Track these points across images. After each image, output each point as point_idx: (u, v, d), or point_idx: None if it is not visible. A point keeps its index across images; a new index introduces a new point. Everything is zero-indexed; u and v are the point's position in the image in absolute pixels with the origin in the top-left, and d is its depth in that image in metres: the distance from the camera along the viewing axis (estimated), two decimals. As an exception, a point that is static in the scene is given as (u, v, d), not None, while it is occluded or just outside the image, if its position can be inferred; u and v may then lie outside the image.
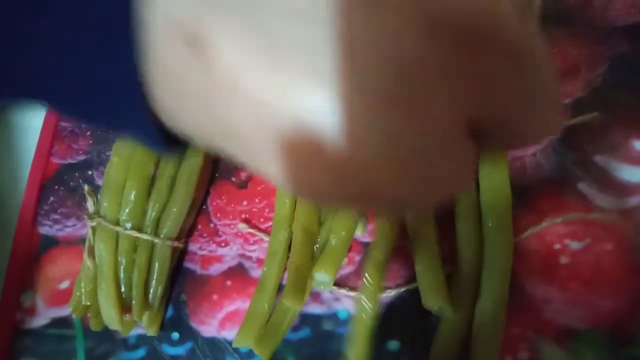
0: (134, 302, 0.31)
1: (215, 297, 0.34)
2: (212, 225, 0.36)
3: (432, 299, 0.27)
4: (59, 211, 0.41)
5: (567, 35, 0.33)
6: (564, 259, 0.28)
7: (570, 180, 0.29)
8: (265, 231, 0.34)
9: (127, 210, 0.32)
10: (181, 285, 0.35)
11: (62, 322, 0.37)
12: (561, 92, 0.31)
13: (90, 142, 0.43)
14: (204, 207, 0.37)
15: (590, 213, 0.28)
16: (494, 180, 0.29)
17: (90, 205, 0.33)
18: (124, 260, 0.32)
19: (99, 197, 0.35)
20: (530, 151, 0.31)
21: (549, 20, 0.34)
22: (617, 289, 0.27)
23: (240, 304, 0.33)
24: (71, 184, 0.42)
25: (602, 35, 0.32)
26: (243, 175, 0.37)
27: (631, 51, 0.31)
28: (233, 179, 0.37)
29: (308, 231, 0.31)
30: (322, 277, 0.30)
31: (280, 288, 0.32)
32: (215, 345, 0.33)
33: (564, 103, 0.31)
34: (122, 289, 0.32)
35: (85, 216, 0.33)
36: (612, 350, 0.26)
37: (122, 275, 0.32)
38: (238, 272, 0.34)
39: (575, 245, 0.28)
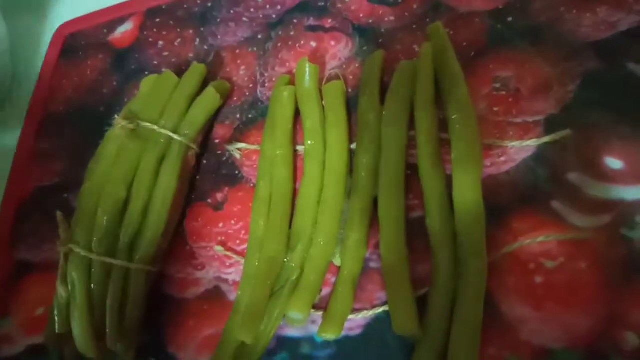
0: (107, 329, 0.31)
1: (192, 322, 0.34)
2: (188, 248, 0.36)
3: (402, 325, 0.27)
4: (35, 235, 0.41)
5: (539, 53, 0.33)
6: (538, 279, 0.28)
7: (544, 198, 0.29)
8: (242, 254, 0.34)
9: (99, 236, 0.32)
10: (158, 310, 0.34)
11: (37, 350, 0.36)
12: (533, 109, 0.31)
13: (66, 164, 0.43)
14: (179, 229, 0.36)
15: (564, 231, 0.28)
16: (468, 201, 0.29)
17: (61, 231, 0.32)
18: (97, 287, 0.31)
19: (72, 222, 0.34)
20: (504, 169, 0.31)
21: (520, 38, 0.34)
22: (592, 307, 0.27)
23: (217, 328, 0.33)
24: (47, 207, 0.41)
25: (573, 52, 0.32)
26: (219, 196, 0.37)
27: (602, 68, 0.31)
28: (209, 200, 0.37)
29: (273, 261, 0.30)
30: (296, 316, 0.29)
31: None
32: (193, 371, 0.33)
33: (537, 120, 0.31)
34: (96, 317, 0.31)
35: (57, 243, 0.32)
36: (588, 371, 0.26)
37: (95, 302, 0.31)
38: (215, 296, 0.34)
39: (549, 264, 0.28)
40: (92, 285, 0.31)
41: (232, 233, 0.35)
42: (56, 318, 0.32)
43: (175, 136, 0.34)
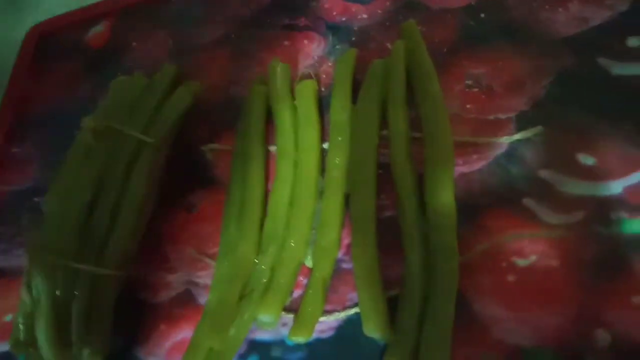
0: (73, 336, 0.30)
1: (163, 325, 0.33)
2: (159, 251, 0.35)
3: (372, 327, 0.27)
4: (4, 240, 0.40)
5: (512, 49, 0.33)
6: (510, 277, 0.28)
7: (516, 195, 0.29)
8: (214, 256, 0.33)
9: (65, 240, 0.31)
10: (128, 314, 0.34)
11: (4, 358, 0.35)
12: (506, 106, 0.31)
13: (38, 168, 0.42)
14: (151, 231, 0.35)
15: (536, 229, 0.28)
16: (440, 199, 0.29)
17: (28, 236, 0.32)
18: (63, 293, 0.30)
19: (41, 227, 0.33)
20: (476, 167, 0.30)
21: (493, 34, 0.33)
22: (564, 305, 0.26)
23: (188, 332, 0.32)
24: (19, 211, 0.40)
25: (547, 47, 0.32)
26: (191, 198, 0.36)
27: (575, 63, 0.31)
28: (181, 202, 0.36)
29: (244, 263, 0.30)
30: (266, 319, 0.29)
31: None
32: (163, 377, 0.32)
33: (509, 116, 0.31)
34: (63, 323, 0.30)
35: (23, 248, 0.31)
36: (560, 368, 0.25)
37: (61, 308, 0.30)
38: (186, 300, 0.33)
39: (521, 262, 0.28)
40: (58, 292, 0.30)
41: (205, 235, 0.35)
42: (20, 325, 0.31)
43: (144, 137, 0.33)
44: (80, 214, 0.31)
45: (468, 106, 0.32)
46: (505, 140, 0.30)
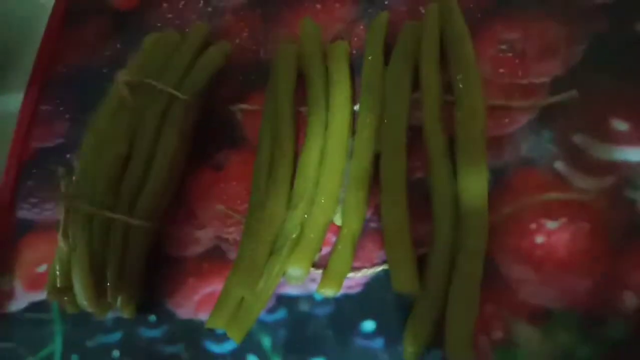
0: (108, 284, 0.31)
1: (191, 279, 0.34)
2: (188, 207, 0.36)
3: (401, 283, 0.27)
4: (37, 194, 0.41)
5: (546, 14, 0.32)
6: (539, 239, 0.28)
7: (547, 159, 0.29)
8: (243, 212, 0.34)
9: (100, 191, 0.32)
10: (158, 267, 0.35)
11: (39, 306, 0.37)
12: (539, 70, 0.31)
13: (69, 125, 0.43)
14: (180, 188, 0.36)
15: (566, 192, 0.28)
16: (470, 163, 0.29)
17: (63, 186, 0.32)
18: (98, 242, 0.31)
19: (74, 178, 0.34)
20: (508, 131, 0.30)
21: (528, -1, 0.33)
22: (591, 269, 0.27)
23: (217, 286, 0.33)
24: (50, 167, 0.41)
25: (581, 13, 0.32)
26: (220, 157, 0.36)
27: (610, 29, 0.31)
28: (210, 161, 0.37)
29: (274, 219, 0.30)
30: (295, 273, 0.30)
31: (255, 270, 0.31)
32: (192, 328, 0.33)
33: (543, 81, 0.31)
34: (97, 271, 0.31)
35: (59, 197, 0.32)
36: (586, 331, 0.26)
37: (96, 257, 0.31)
38: (215, 255, 0.34)
39: (551, 224, 0.28)
40: (93, 240, 0.31)
41: (233, 193, 0.35)
42: (57, 272, 0.32)
43: (177, 94, 0.34)
44: (114, 166, 0.32)
45: (501, 70, 0.32)
46: (538, 105, 0.30)
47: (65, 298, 0.32)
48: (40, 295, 0.37)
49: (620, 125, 0.29)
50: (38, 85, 0.45)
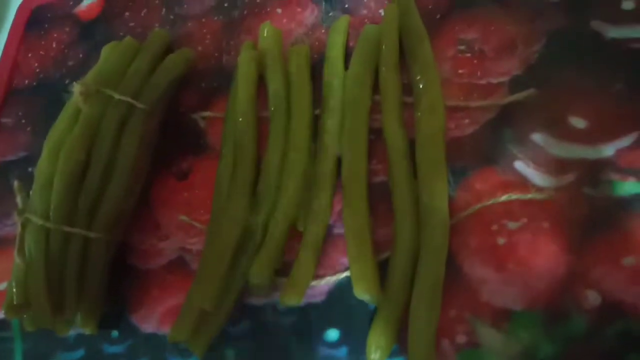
0: (66, 300, 0.30)
1: (155, 292, 0.33)
2: (151, 218, 0.35)
3: (362, 289, 0.27)
4: (-2, 210, 0.40)
5: (504, 11, 0.32)
6: (501, 240, 0.28)
7: (507, 159, 0.29)
8: (206, 222, 0.33)
9: (56, 204, 0.31)
10: (120, 280, 0.34)
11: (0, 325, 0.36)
12: (498, 70, 0.31)
13: (31, 137, 0.42)
14: (142, 198, 0.35)
15: (527, 191, 0.28)
16: (430, 162, 0.28)
17: (19, 200, 0.32)
18: (55, 257, 0.30)
19: (31, 192, 0.33)
20: (468, 132, 0.30)
21: (486, -3, 0.33)
22: (553, 267, 0.26)
23: (180, 298, 0.32)
24: (10, 181, 0.40)
25: (538, 10, 0.32)
26: (184, 165, 0.36)
27: (568, 26, 0.31)
28: (173, 169, 0.36)
29: (235, 225, 0.30)
30: (257, 281, 0.29)
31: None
32: (156, 342, 0.32)
33: (501, 81, 0.30)
34: (56, 288, 0.31)
35: (15, 212, 0.31)
36: (548, 329, 0.26)
37: (54, 272, 0.30)
38: (178, 266, 0.33)
39: (512, 225, 0.28)
40: (50, 255, 0.30)
41: (197, 203, 0.35)
42: (14, 290, 0.31)
43: (134, 102, 0.33)
44: (71, 178, 0.31)
45: (460, 71, 0.32)
46: (497, 104, 0.30)
47: (24, 316, 0.31)
48: (1, 314, 0.36)
49: (579, 122, 0.28)
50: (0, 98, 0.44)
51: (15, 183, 0.33)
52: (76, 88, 0.33)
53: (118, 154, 0.33)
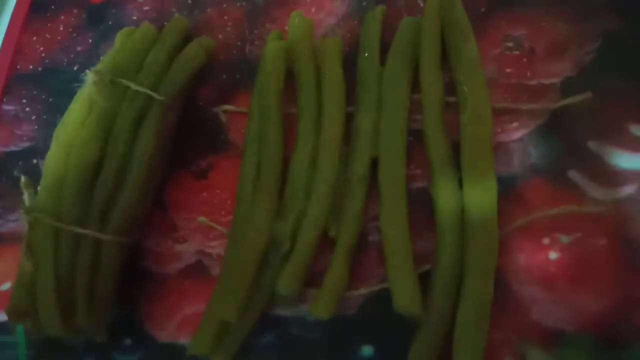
0: (76, 306, 0.28)
1: (172, 298, 0.31)
2: (168, 219, 0.33)
3: (403, 303, 0.24)
4: (0, 203, 0.37)
5: (555, 11, 0.30)
6: (552, 254, 0.26)
7: (560, 167, 0.27)
8: (227, 225, 0.31)
9: (68, 203, 0.28)
10: (134, 286, 0.32)
11: (2, 328, 0.33)
12: (549, 70, 0.29)
13: (36, 127, 0.39)
14: (158, 198, 0.33)
15: (581, 204, 0.26)
16: (477, 170, 0.26)
17: (26, 198, 0.29)
18: (65, 260, 0.28)
19: (39, 188, 0.31)
20: (517, 136, 0.28)
21: (536, -6, 0.31)
22: (608, 287, 0.25)
23: (199, 306, 0.30)
24: (14, 173, 0.38)
25: (592, 10, 0.30)
26: (203, 164, 0.34)
27: (623, 28, 0.29)
28: (192, 168, 0.34)
29: (261, 232, 0.28)
30: (285, 292, 0.27)
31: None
32: (172, 353, 0.30)
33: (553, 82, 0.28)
34: (64, 292, 0.28)
35: (22, 210, 0.29)
36: (601, 355, 0.24)
37: (63, 276, 0.28)
38: (197, 271, 0.31)
39: (565, 239, 0.26)
40: (60, 257, 0.28)
41: (217, 203, 0.32)
42: (20, 293, 0.29)
43: (153, 94, 0.31)
44: (83, 175, 0.29)
45: (508, 70, 0.29)
46: (550, 108, 0.28)
47: (29, 321, 0.29)
48: (3, 316, 0.33)
49: (639, 130, 0.26)
50: (1, 84, 0.41)
51: (22, 178, 0.30)
52: (89, 77, 0.31)
53: (133, 151, 0.30)
